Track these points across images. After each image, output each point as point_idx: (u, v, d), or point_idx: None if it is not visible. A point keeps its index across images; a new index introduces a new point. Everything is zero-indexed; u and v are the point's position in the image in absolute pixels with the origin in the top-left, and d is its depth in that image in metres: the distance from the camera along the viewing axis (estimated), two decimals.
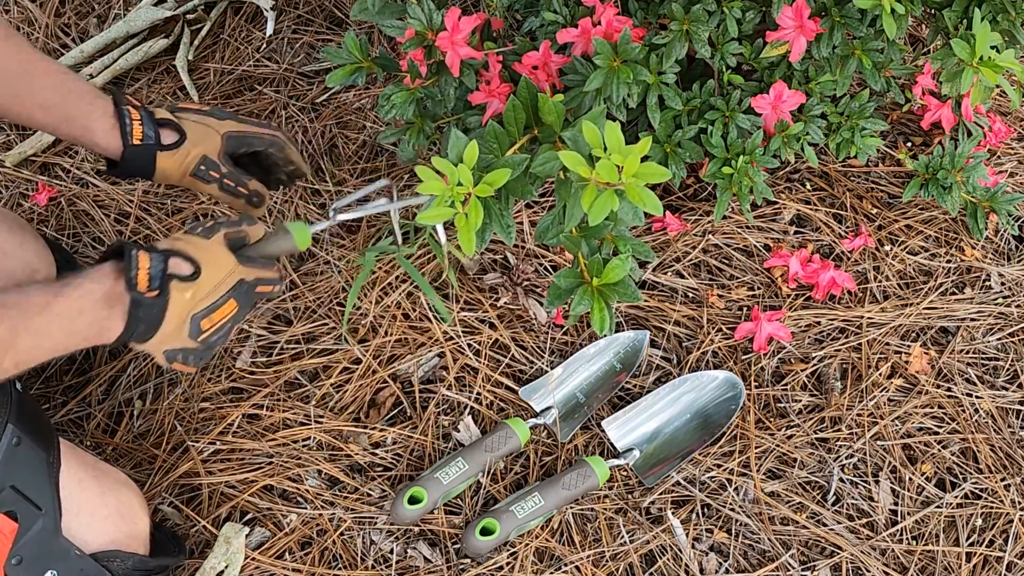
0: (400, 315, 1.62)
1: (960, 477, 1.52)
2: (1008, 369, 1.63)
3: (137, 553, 1.28)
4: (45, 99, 1.33)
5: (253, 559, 1.39)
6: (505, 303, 1.62)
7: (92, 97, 1.36)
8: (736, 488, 1.48)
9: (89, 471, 1.29)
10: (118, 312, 1.16)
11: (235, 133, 1.43)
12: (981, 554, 1.45)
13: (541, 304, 1.63)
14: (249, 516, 1.44)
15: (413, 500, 1.42)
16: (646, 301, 1.65)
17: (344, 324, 1.55)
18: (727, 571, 1.42)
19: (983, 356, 1.64)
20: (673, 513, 1.46)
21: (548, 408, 1.53)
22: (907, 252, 1.73)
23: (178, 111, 1.42)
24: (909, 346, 1.63)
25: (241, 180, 1.42)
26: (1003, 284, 1.71)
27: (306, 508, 1.45)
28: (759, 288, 1.68)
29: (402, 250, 1.50)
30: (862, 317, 1.65)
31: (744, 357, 1.61)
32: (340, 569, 1.40)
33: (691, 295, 1.67)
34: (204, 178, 1.40)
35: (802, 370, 1.60)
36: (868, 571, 1.43)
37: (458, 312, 1.62)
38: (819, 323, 1.64)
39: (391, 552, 1.41)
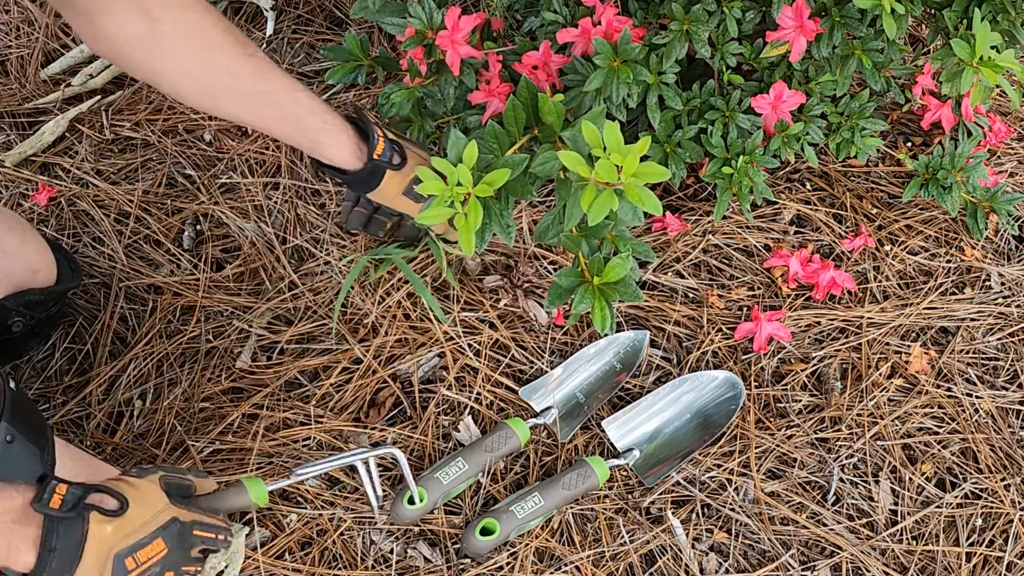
0: (401, 315, 1.62)
1: (960, 477, 1.52)
2: (1008, 369, 1.63)
3: None
4: (281, 116, 1.38)
5: (253, 559, 1.39)
6: (506, 304, 1.62)
7: (326, 115, 1.41)
8: (736, 488, 1.48)
9: (84, 469, 1.28)
10: (30, 535, 1.09)
11: None
12: (981, 554, 1.45)
13: (541, 305, 1.63)
14: (249, 516, 1.44)
15: (413, 500, 1.41)
16: (646, 301, 1.64)
17: (334, 320, 1.56)
18: (727, 571, 1.42)
19: (983, 356, 1.64)
20: (673, 513, 1.46)
21: (548, 408, 1.53)
22: (907, 252, 1.73)
23: (401, 138, 1.51)
24: (909, 346, 1.63)
25: None
26: (1003, 284, 1.71)
27: (306, 508, 1.45)
28: (759, 288, 1.68)
29: (400, 253, 1.52)
30: (862, 317, 1.65)
31: (744, 357, 1.61)
32: (340, 569, 1.40)
33: (691, 295, 1.67)
34: (413, 197, 1.50)
35: (802, 370, 1.60)
36: (868, 571, 1.43)
37: (458, 312, 1.62)
38: (819, 323, 1.64)
39: (391, 552, 1.41)
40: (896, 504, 1.49)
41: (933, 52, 1.62)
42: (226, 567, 1.38)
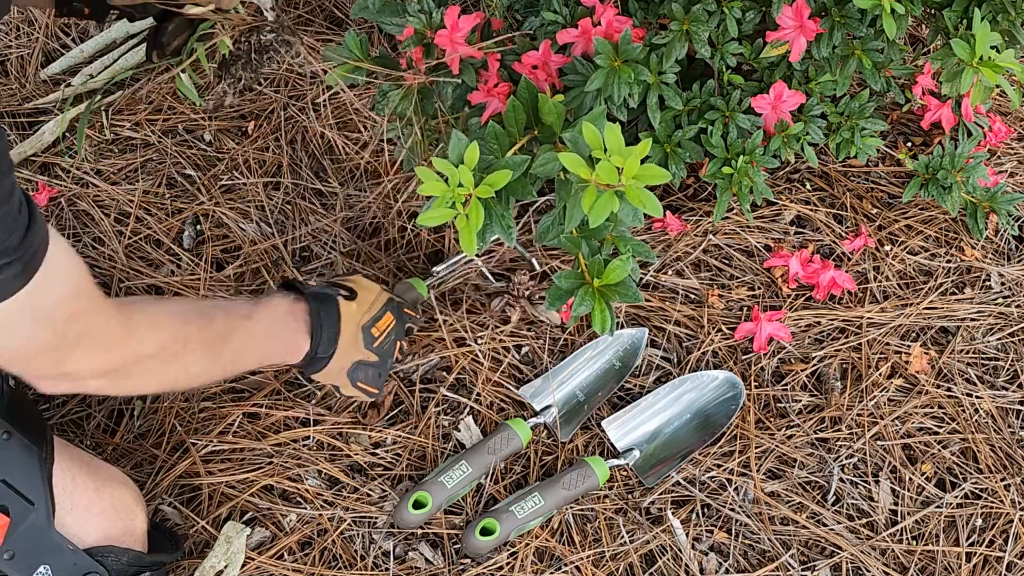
0: None
1: (960, 477, 1.52)
2: (1008, 369, 1.63)
3: (133, 549, 1.28)
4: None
5: (253, 559, 1.40)
6: (520, 320, 1.62)
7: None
8: (736, 488, 1.49)
9: (83, 467, 1.28)
10: (303, 327, 1.30)
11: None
12: (981, 554, 1.45)
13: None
14: (249, 516, 1.44)
15: (417, 504, 1.41)
16: (647, 301, 1.65)
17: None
18: (727, 571, 1.42)
19: (983, 356, 1.64)
20: (673, 513, 1.46)
21: (548, 407, 1.53)
22: (907, 252, 1.73)
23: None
24: (909, 346, 1.63)
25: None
26: (1003, 284, 1.71)
27: (306, 508, 1.45)
28: (759, 288, 1.68)
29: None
30: (862, 317, 1.65)
31: (744, 357, 1.61)
32: (340, 569, 1.40)
33: (691, 295, 1.67)
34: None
35: (802, 370, 1.60)
36: (868, 571, 1.43)
37: (462, 313, 1.62)
38: (819, 323, 1.64)
39: (391, 552, 1.41)
40: (896, 504, 1.49)
41: (933, 52, 1.62)
42: (226, 567, 1.38)
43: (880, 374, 1.59)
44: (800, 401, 1.57)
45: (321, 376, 1.38)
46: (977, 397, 1.59)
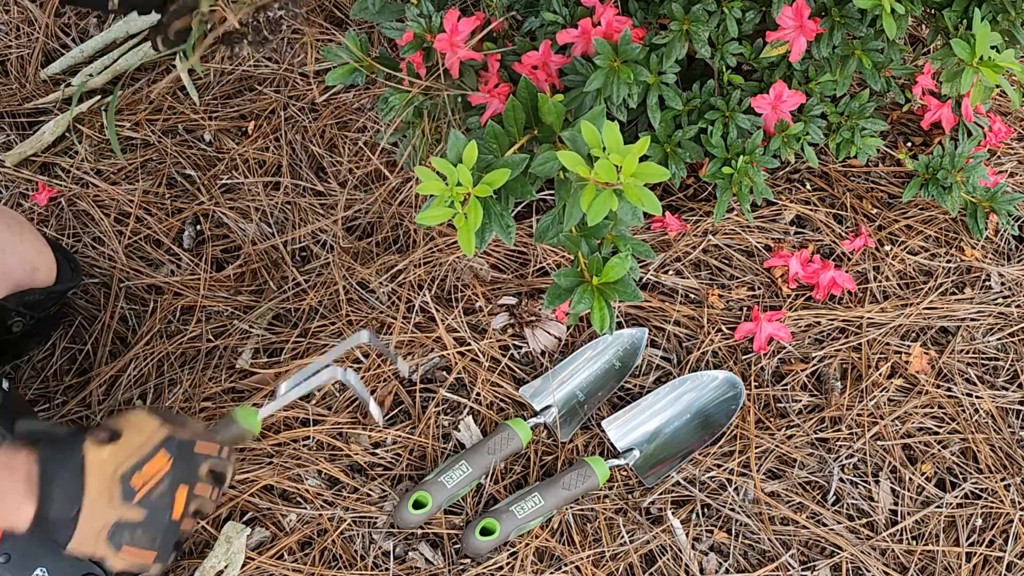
0: (402, 316, 1.62)
1: (960, 477, 1.52)
2: (1008, 369, 1.63)
3: None
4: None
5: (253, 559, 1.39)
6: (525, 348, 1.61)
7: None
8: (736, 488, 1.48)
9: None
10: (22, 483, 1.01)
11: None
12: (981, 554, 1.45)
13: (550, 333, 1.62)
14: (249, 516, 1.44)
15: (417, 505, 1.41)
16: (646, 301, 1.64)
17: None
18: (727, 571, 1.42)
19: (983, 356, 1.64)
20: (673, 513, 1.46)
21: (548, 407, 1.53)
22: (907, 252, 1.73)
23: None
24: (909, 346, 1.63)
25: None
26: (1003, 284, 1.71)
27: (306, 508, 1.45)
28: (759, 288, 1.68)
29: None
30: (862, 317, 1.65)
31: (744, 357, 1.61)
32: (340, 569, 1.40)
33: (691, 295, 1.67)
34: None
35: (802, 370, 1.60)
36: (868, 571, 1.43)
37: (459, 314, 1.62)
38: (819, 323, 1.64)
39: (391, 552, 1.41)
40: (896, 504, 1.49)
41: (933, 52, 1.62)
42: (226, 567, 1.38)
43: (880, 374, 1.59)
44: (800, 401, 1.57)
45: (75, 545, 1.07)
46: (977, 397, 1.59)
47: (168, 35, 1.24)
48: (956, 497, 1.49)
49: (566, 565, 1.41)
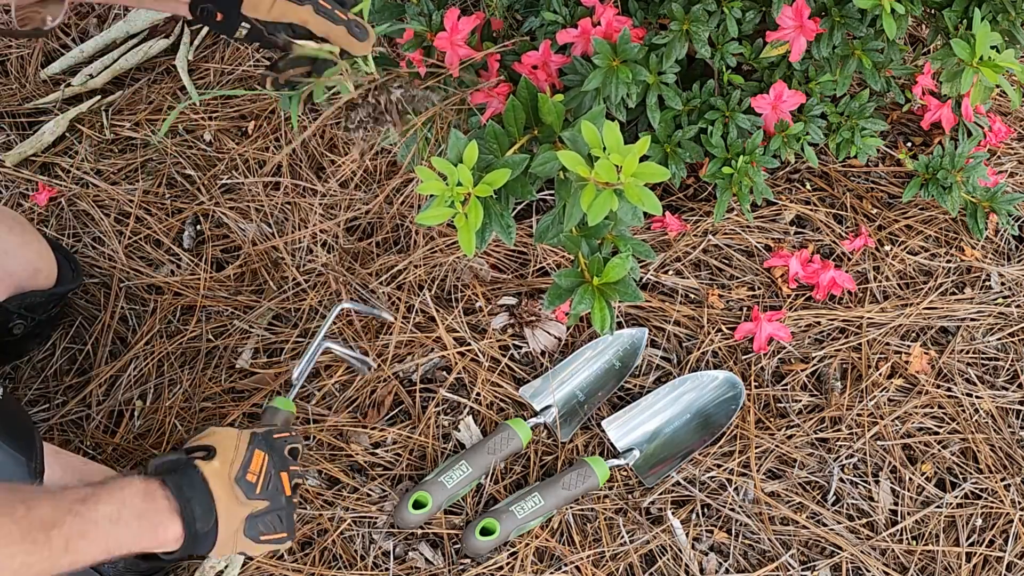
0: (402, 316, 1.62)
1: (960, 477, 1.52)
2: (1008, 369, 1.63)
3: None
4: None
5: (252, 559, 1.39)
6: (525, 348, 1.61)
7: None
8: (736, 488, 1.48)
9: (76, 476, 1.28)
10: (165, 507, 1.13)
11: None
12: (981, 554, 1.45)
13: (550, 333, 1.62)
14: None
15: (417, 505, 1.41)
16: (646, 301, 1.64)
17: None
18: (727, 571, 1.42)
19: (983, 356, 1.64)
20: (673, 513, 1.46)
21: (548, 407, 1.53)
22: (907, 252, 1.73)
23: None
24: (909, 346, 1.63)
25: (337, 5, 1.22)
26: (1003, 284, 1.71)
27: (306, 508, 1.45)
28: (759, 288, 1.68)
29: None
30: (862, 317, 1.65)
31: (744, 357, 1.61)
32: (340, 569, 1.40)
33: (691, 295, 1.67)
34: None
35: (802, 370, 1.60)
36: (868, 571, 1.43)
37: (459, 314, 1.62)
38: (819, 323, 1.64)
39: (391, 552, 1.41)
40: (896, 504, 1.49)
41: (933, 52, 1.62)
42: (226, 567, 1.38)
43: (880, 374, 1.59)
44: (800, 401, 1.57)
45: (219, 550, 1.19)
46: (977, 397, 1.59)
47: (279, 80, 1.25)
48: (956, 497, 1.49)
49: (566, 565, 1.41)
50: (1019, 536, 1.47)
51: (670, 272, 1.69)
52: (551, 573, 1.40)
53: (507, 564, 1.40)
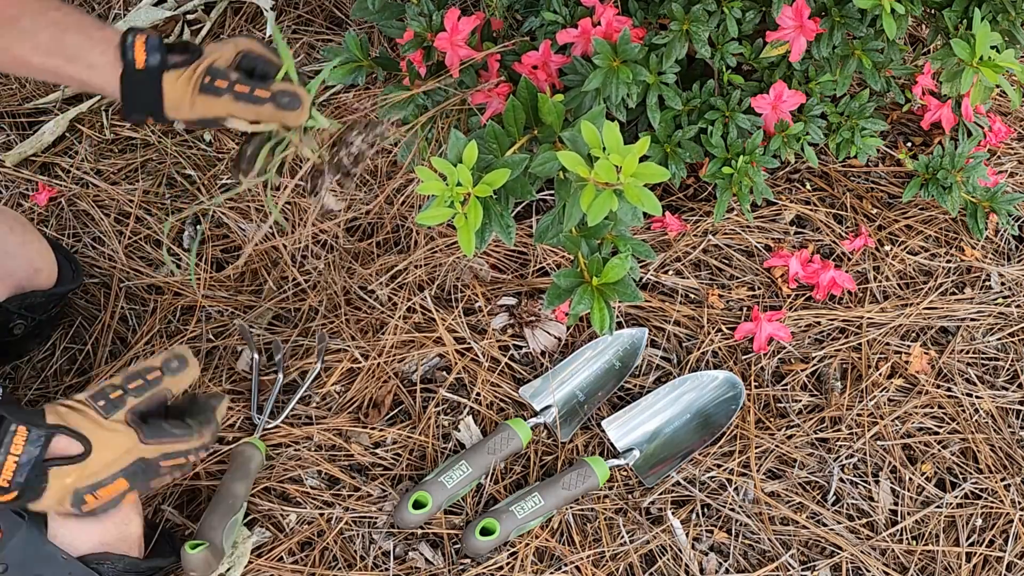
0: (401, 316, 1.62)
1: (960, 477, 1.52)
2: (1008, 369, 1.63)
3: (128, 555, 1.27)
4: (38, 42, 1.13)
5: (253, 560, 1.39)
6: (525, 348, 1.61)
7: (95, 30, 1.16)
8: (736, 488, 1.48)
9: None
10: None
11: (254, 53, 1.19)
12: (981, 554, 1.45)
13: (550, 333, 1.62)
14: (249, 517, 1.44)
15: (417, 505, 1.41)
16: (646, 301, 1.65)
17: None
18: (727, 571, 1.42)
19: (983, 356, 1.64)
20: (673, 513, 1.46)
21: (548, 407, 1.53)
22: (907, 252, 1.73)
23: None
24: (909, 346, 1.63)
25: (257, 84, 1.15)
26: (1003, 284, 1.71)
27: (306, 508, 1.45)
28: (759, 288, 1.68)
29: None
30: (862, 317, 1.65)
31: (744, 357, 1.61)
32: (340, 569, 1.40)
33: (691, 295, 1.67)
34: (213, 91, 1.14)
35: (802, 370, 1.60)
36: (868, 571, 1.43)
37: (459, 314, 1.62)
38: (819, 323, 1.64)
39: (391, 552, 1.41)
40: (896, 504, 1.49)
41: (933, 52, 1.62)
42: (228, 569, 1.38)
43: (880, 374, 1.59)
44: (800, 401, 1.57)
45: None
46: (977, 397, 1.59)
47: (241, 164, 1.20)
48: (956, 497, 1.49)
49: (566, 565, 1.41)
50: (1019, 536, 1.47)
51: (670, 272, 1.69)
52: (551, 573, 1.40)
53: (507, 564, 1.40)
